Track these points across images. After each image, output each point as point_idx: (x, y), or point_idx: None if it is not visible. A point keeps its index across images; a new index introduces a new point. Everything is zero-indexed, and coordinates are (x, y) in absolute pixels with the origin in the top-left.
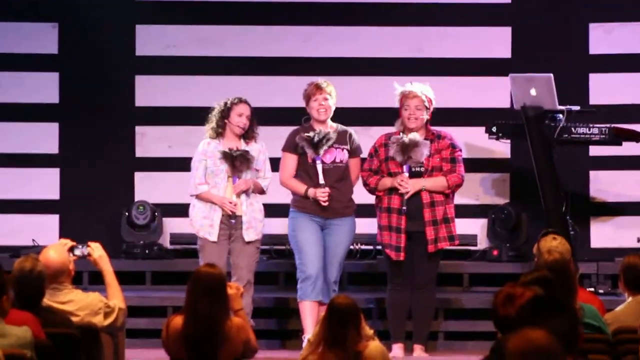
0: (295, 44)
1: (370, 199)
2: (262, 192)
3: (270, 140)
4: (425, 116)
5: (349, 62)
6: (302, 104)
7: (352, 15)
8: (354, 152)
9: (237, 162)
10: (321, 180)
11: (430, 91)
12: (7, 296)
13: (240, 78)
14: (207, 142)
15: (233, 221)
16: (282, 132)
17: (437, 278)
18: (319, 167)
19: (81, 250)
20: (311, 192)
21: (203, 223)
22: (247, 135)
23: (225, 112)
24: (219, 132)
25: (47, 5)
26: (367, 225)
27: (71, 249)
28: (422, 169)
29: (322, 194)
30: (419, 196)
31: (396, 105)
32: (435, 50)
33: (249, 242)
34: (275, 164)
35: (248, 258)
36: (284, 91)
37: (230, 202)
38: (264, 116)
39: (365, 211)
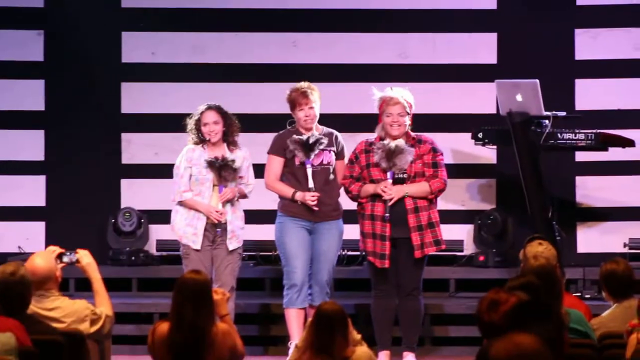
0: (280, 51)
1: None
2: (244, 197)
3: (255, 147)
4: (407, 121)
5: (334, 69)
6: (287, 111)
7: (337, 21)
8: (340, 154)
9: (224, 172)
10: (310, 184)
11: (411, 96)
12: None
13: (226, 85)
14: (192, 149)
15: (219, 230)
16: (266, 139)
17: (422, 284)
18: (309, 170)
19: (69, 257)
20: (299, 195)
21: (186, 230)
22: (228, 141)
23: (198, 122)
24: (201, 138)
25: (33, 12)
26: (354, 231)
27: (59, 256)
28: (405, 176)
29: (311, 198)
30: (402, 202)
31: (376, 111)
32: (421, 56)
33: (232, 250)
34: (258, 169)
35: (232, 265)
36: (269, 98)
37: (217, 211)
38: (249, 122)
39: (353, 217)
